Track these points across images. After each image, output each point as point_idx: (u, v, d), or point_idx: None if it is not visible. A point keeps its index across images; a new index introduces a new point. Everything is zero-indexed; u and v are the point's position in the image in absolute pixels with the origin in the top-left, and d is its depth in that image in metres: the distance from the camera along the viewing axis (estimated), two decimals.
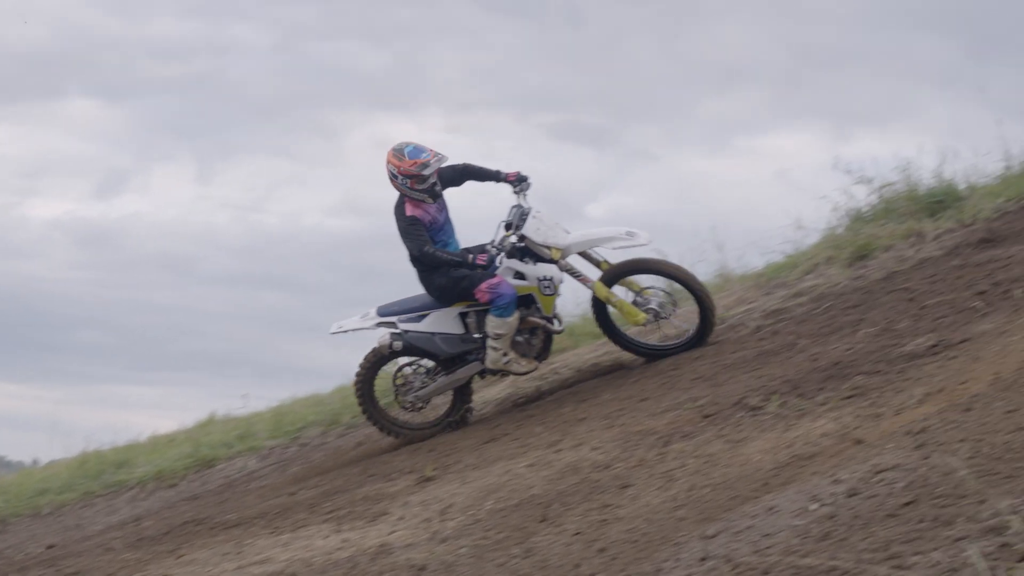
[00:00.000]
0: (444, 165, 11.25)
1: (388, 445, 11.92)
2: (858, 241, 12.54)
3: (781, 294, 11.16)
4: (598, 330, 11.90)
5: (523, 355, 11.43)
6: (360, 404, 11.89)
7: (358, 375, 11.77)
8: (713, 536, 5.92)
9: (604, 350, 12.29)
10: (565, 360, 12.68)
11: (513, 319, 11.18)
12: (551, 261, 11.23)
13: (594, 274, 11.42)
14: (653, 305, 11.23)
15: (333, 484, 10.85)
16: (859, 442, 6.79)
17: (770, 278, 12.63)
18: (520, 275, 11.23)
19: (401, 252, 11.27)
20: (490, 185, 11.62)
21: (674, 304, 11.32)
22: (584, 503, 7.58)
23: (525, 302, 11.27)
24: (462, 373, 11.66)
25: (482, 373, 11.74)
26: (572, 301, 13.04)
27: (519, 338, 11.38)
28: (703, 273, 12.79)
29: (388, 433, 11.98)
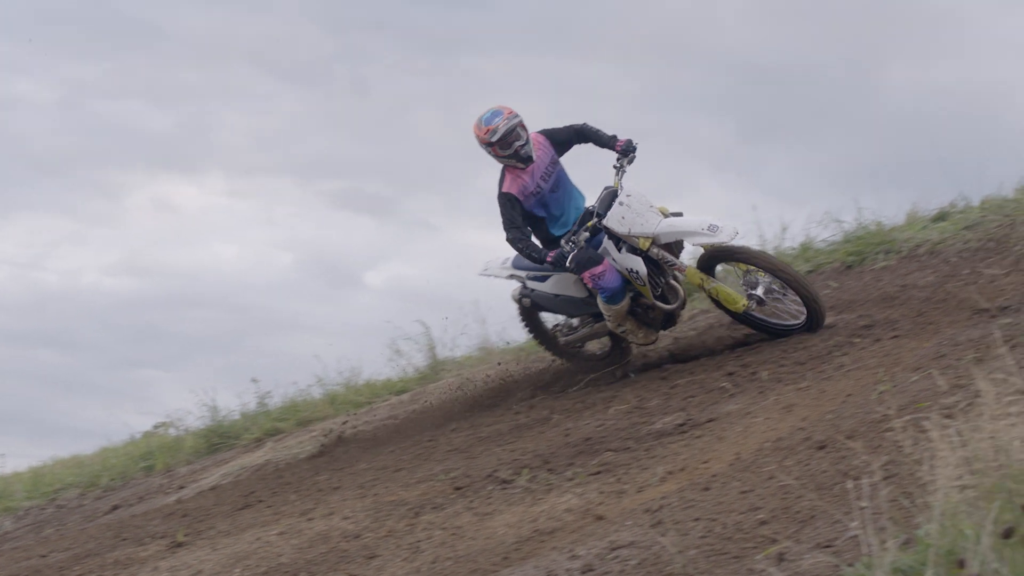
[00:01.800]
0: (517, 123, 10.57)
1: (144, 509, 11.72)
2: None
3: (539, 367, 11.32)
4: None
5: (643, 324, 10.95)
6: (537, 343, 11.81)
7: (522, 323, 11.62)
8: None
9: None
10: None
11: (620, 306, 10.68)
12: (640, 251, 10.58)
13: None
14: (758, 292, 10.53)
15: (85, 547, 10.64)
16: (600, 518, 6.97)
17: (529, 352, 12.73)
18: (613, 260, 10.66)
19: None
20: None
21: (783, 290, 10.58)
22: (331, 573, 7.61)
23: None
24: (599, 328, 11.28)
25: None
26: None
27: (637, 308, 10.85)
28: (464, 347, 12.90)
29: (567, 360, 11.76)
